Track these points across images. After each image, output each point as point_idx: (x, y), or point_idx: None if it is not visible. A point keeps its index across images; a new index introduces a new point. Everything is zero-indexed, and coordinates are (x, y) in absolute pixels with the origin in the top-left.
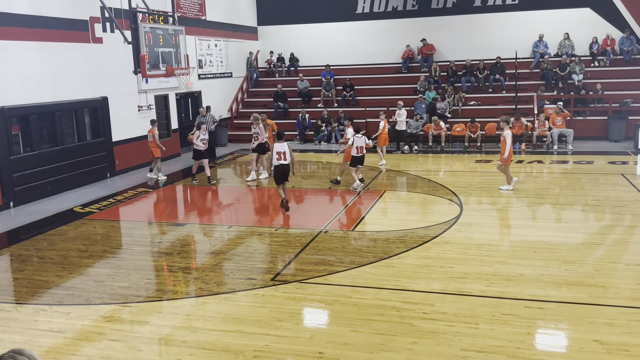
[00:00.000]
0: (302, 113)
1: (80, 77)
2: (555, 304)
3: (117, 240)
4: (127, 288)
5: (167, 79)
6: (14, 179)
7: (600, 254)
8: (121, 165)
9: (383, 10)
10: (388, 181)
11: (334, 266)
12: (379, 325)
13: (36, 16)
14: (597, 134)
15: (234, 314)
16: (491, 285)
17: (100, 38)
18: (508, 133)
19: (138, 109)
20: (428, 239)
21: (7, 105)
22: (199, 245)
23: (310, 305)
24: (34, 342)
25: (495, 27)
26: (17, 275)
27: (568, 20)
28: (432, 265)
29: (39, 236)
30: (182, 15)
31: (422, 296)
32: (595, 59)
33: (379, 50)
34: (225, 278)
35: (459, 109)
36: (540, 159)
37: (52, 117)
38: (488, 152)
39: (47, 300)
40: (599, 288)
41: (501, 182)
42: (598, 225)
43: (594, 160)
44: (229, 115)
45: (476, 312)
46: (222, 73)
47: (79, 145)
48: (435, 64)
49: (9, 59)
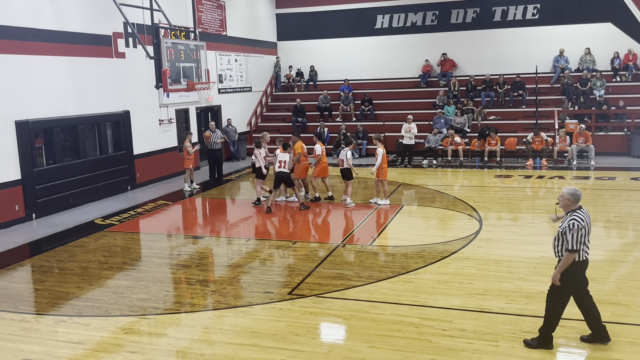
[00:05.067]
0: (320, 127)
1: (103, 91)
2: (577, 322)
3: (137, 252)
4: (145, 300)
5: (187, 93)
6: (36, 191)
7: (623, 272)
8: (142, 178)
9: (402, 25)
10: (406, 196)
11: (352, 281)
12: (397, 341)
13: (60, 31)
14: (619, 149)
15: (251, 328)
16: (511, 302)
17: (123, 53)
18: (380, 151)
19: (159, 122)
20: (447, 254)
21: (31, 119)
22: (216, 258)
23: (327, 320)
24: (54, 353)
25: (515, 41)
26: (38, 286)
27: (589, 35)
28: (451, 281)
29: (60, 248)
30: (204, 30)
31: (441, 312)
32: (617, 74)
33: (398, 65)
34: (243, 291)
35: (479, 123)
36: (561, 174)
37: (75, 130)
38: (508, 167)
39: (67, 312)
40: (622, 306)
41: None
42: (620, 242)
43: (616, 176)
44: (248, 129)
45: (496, 330)
46: (241, 87)
47: (100, 158)
48: (454, 79)
49: (34, 73)
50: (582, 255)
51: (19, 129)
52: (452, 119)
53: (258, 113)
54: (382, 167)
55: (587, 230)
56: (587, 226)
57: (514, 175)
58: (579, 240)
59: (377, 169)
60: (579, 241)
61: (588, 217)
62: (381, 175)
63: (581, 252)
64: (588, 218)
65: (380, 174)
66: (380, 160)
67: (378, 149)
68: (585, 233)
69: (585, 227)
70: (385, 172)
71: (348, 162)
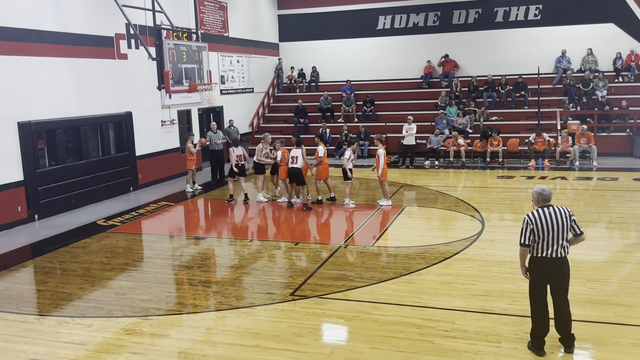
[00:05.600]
0: (322, 128)
1: (106, 93)
2: (579, 323)
3: (139, 253)
4: (147, 301)
5: (190, 94)
6: (39, 192)
7: (626, 272)
8: (144, 179)
9: (404, 26)
10: (408, 196)
11: (354, 282)
12: (399, 342)
13: (63, 33)
14: (621, 150)
15: (253, 329)
16: (514, 303)
17: (125, 54)
18: (381, 152)
19: (161, 123)
20: (449, 255)
21: (33, 120)
22: (219, 259)
23: (329, 321)
24: (56, 354)
25: (517, 42)
26: (41, 287)
27: (591, 35)
28: (454, 282)
29: (62, 249)
30: (205, 32)
31: (443, 313)
32: (619, 75)
33: (400, 66)
34: (245, 292)
35: (481, 124)
36: (563, 175)
37: (77, 132)
38: (510, 167)
39: (69, 312)
40: (625, 307)
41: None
42: (623, 242)
43: (619, 176)
44: (250, 130)
45: (498, 331)
46: (243, 88)
47: (103, 159)
48: (456, 79)
49: (37, 74)
50: (538, 251)
51: (22, 130)
52: (454, 119)
53: (260, 114)
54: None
55: (543, 228)
56: (544, 224)
57: (516, 176)
58: (527, 236)
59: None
60: (526, 237)
61: (551, 216)
62: (382, 176)
63: (537, 248)
64: (550, 217)
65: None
66: (383, 161)
67: (379, 150)
68: (540, 231)
69: (538, 224)
70: (386, 172)
71: (345, 163)
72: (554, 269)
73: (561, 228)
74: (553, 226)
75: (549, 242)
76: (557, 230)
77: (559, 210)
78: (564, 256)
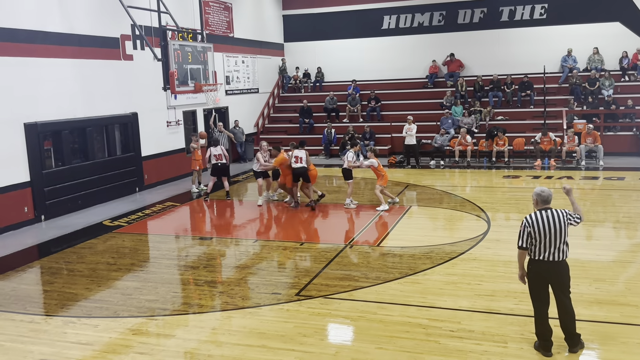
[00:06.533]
0: (328, 128)
1: (111, 93)
2: (586, 323)
3: (145, 253)
4: (154, 301)
5: (195, 95)
6: (45, 193)
7: (633, 272)
8: (150, 179)
9: (409, 26)
10: (414, 196)
11: (359, 282)
12: (405, 342)
13: (69, 34)
14: (628, 149)
15: (258, 329)
16: (520, 303)
17: (131, 55)
18: (373, 161)
19: (167, 124)
20: (455, 255)
21: (40, 121)
22: (224, 259)
23: (335, 321)
24: (63, 354)
25: (522, 41)
26: (47, 287)
27: (597, 34)
28: (459, 282)
29: (68, 249)
30: (211, 32)
31: (449, 314)
32: (626, 74)
33: (405, 66)
34: (250, 292)
35: (486, 124)
36: (569, 174)
37: (83, 133)
38: (516, 167)
39: (75, 313)
40: (632, 307)
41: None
42: (630, 242)
43: (625, 176)
44: (255, 130)
45: (504, 331)
46: (248, 89)
47: (109, 160)
48: (461, 79)
49: (43, 75)
50: (535, 254)
51: (28, 131)
52: (460, 119)
53: (265, 114)
54: (382, 174)
55: (540, 231)
56: (540, 227)
57: (522, 176)
58: (524, 239)
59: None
60: (523, 239)
61: (548, 219)
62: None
63: (535, 251)
64: (547, 220)
65: (380, 181)
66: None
67: (372, 160)
68: (537, 234)
69: (535, 227)
70: (386, 179)
71: (349, 163)
72: (551, 271)
73: (558, 231)
74: (550, 229)
75: (546, 245)
76: (554, 234)
77: (557, 213)
78: (562, 259)
